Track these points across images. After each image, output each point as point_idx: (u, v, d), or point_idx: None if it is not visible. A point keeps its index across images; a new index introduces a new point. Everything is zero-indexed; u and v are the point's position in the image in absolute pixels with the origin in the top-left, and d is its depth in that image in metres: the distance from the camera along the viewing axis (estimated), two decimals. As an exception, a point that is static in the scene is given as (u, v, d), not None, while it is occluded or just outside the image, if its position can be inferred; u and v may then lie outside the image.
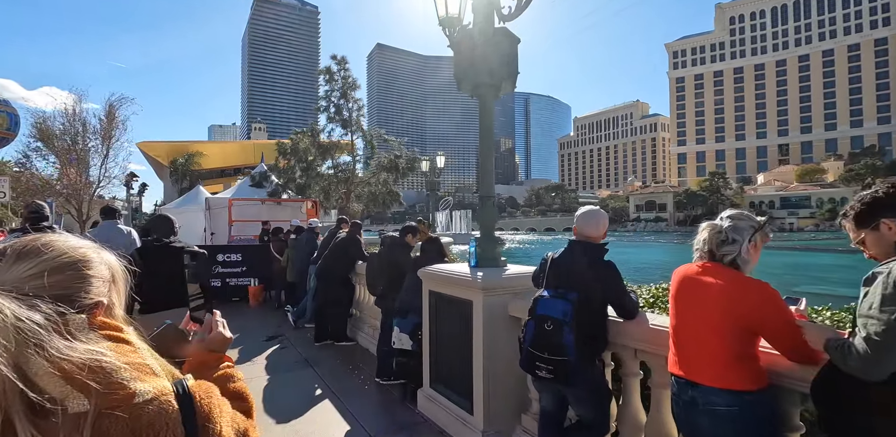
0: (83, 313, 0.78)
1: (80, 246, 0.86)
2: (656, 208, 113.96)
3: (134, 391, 0.70)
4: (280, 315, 7.84)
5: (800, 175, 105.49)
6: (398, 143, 14.28)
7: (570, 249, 2.40)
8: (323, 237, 7.24)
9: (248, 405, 1.02)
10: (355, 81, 13.85)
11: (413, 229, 4.54)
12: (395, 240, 4.47)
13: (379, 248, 4.71)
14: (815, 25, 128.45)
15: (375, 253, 4.69)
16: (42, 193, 19.24)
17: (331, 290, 5.85)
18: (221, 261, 9.26)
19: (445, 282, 3.44)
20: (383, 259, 4.41)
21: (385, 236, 4.66)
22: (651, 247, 56.57)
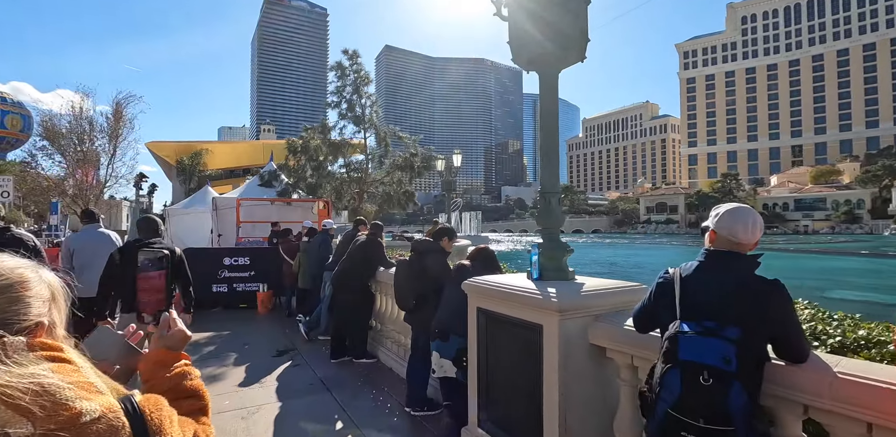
0: (23, 335, 0.77)
1: (18, 267, 0.84)
2: (667, 210, 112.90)
3: (80, 410, 0.69)
4: (291, 325, 7.20)
5: (814, 177, 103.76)
6: (412, 141, 13.61)
7: (712, 261, 1.70)
8: (338, 240, 6.59)
9: (203, 402, 1.03)
10: (368, 75, 13.20)
11: (450, 232, 3.87)
12: (430, 245, 3.81)
13: (409, 254, 4.01)
14: (830, 25, 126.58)
15: (404, 260, 3.99)
16: (48, 193, 18.89)
17: (349, 299, 5.19)
18: (228, 265, 8.64)
19: (502, 299, 2.75)
20: (415, 268, 3.74)
21: (417, 240, 3.95)
22: (665, 248, 55.51)
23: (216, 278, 8.56)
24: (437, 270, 3.62)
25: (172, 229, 18.62)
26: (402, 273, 3.85)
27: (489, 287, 2.84)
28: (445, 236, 3.86)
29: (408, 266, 3.79)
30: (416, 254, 3.83)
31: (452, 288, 3.32)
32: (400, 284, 3.84)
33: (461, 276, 3.27)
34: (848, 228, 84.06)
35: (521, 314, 2.60)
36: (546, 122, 2.99)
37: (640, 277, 24.40)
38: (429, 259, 3.68)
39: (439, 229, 3.92)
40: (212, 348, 5.93)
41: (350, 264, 5.24)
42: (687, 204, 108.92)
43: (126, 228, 27.25)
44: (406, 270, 3.79)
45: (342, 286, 5.19)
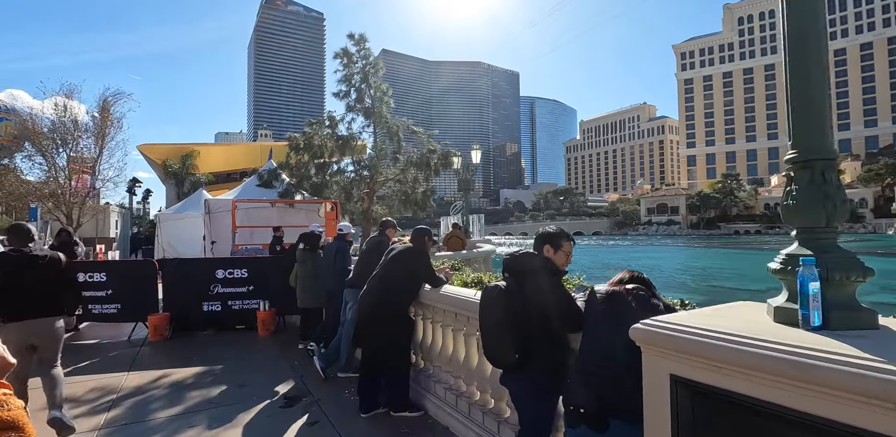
0: None
1: None
2: (668, 211, 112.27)
3: None
4: (301, 355, 5.79)
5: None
6: (427, 136, 12.23)
7: None
8: (362, 247, 5.21)
9: (25, 434, 0.97)
10: (378, 62, 11.83)
11: (562, 238, 2.50)
12: (534, 262, 2.44)
13: (503, 276, 2.52)
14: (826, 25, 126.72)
15: (493, 289, 2.46)
16: (27, 197, 17.40)
17: (385, 330, 3.80)
18: (222, 278, 7.23)
19: (751, 368, 1.38)
20: (515, 300, 2.33)
21: (513, 256, 2.44)
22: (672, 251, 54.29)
23: (208, 295, 7.16)
24: (555, 301, 2.25)
25: (163, 236, 17.18)
26: (492, 309, 2.40)
27: (716, 341, 1.47)
28: (548, 243, 2.49)
29: (501, 298, 2.36)
30: (514, 277, 2.43)
31: (600, 329, 1.97)
32: (490, 327, 2.40)
33: (617, 311, 1.91)
34: (851, 227, 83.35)
35: (830, 411, 1.22)
36: (804, 52, 1.65)
37: (699, 284, 22.63)
38: (537, 285, 2.30)
39: (544, 234, 2.54)
40: (197, 391, 4.52)
41: (385, 282, 3.85)
42: (688, 205, 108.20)
43: (114, 235, 25.73)
44: (499, 303, 2.36)
45: (375, 313, 3.80)
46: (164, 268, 7.34)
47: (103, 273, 7.09)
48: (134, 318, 7.00)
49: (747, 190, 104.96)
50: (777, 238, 75.73)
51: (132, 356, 5.89)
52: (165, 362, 5.57)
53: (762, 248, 55.13)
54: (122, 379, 4.93)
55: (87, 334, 7.27)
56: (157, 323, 6.69)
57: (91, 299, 7.04)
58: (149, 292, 7.02)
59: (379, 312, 3.80)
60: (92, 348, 6.44)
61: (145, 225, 28.04)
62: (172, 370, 5.19)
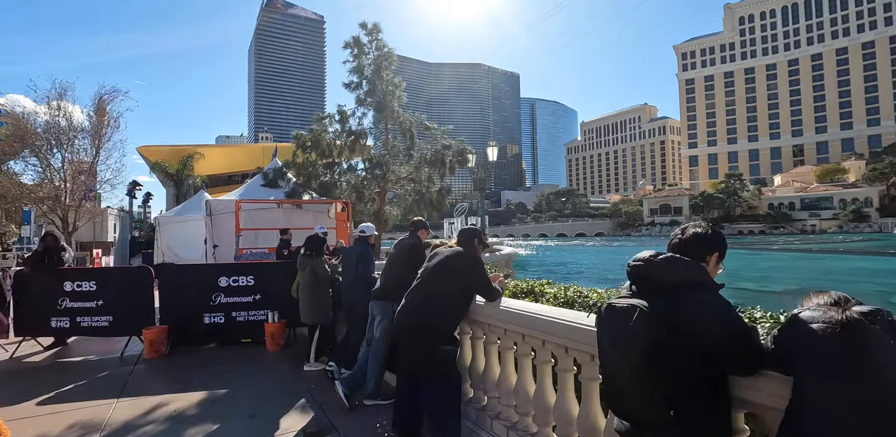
0: None
1: None
2: (671, 212, 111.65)
3: None
4: (318, 377, 5.04)
5: (819, 175, 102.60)
6: (441, 131, 11.48)
7: None
8: (391, 251, 4.46)
9: None
10: (391, 52, 11.07)
11: (724, 241, 1.74)
12: (703, 273, 1.66)
13: (631, 290, 1.65)
14: (828, 24, 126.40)
15: (628, 307, 1.59)
16: (20, 199, 16.67)
17: (430, 355, 3.05)
18: (225, 287, 6.48)
19: None
20: (669, 324, 1.50)
21: (661, 258, 1.56)
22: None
23: (210, 305, 6.40)
24: (728, 331, 1.49)
25: (163, 239, 16.44)
26: (628, 341, 1.55)
27: None
28: (712, 251, 1.72)
29: (646, 324, 1.52)
30: (659, 293, 1.65)
31: (850, 379, 1.23)
32: (623, 366, 1.56)
33: (869, 350, 1.18)
34: (856, 227, 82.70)
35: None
36: None
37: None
38: (700, 306, 1.52)
39: (696, 237, 1.76)
40: (199, 426, 3.77)
41: (430, 297, 3.10)
42: (691, 205, 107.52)
43: (112, 239, 25.00)
44: (642, 333, 1.52)
45: (419, 336, 3.04)
46: (162, 275, 6.61)
47: (93, 282, 6.35)
48: (127, 331, 6.26)
49: (751, 190, 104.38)
50: (783, 238, 74.83)
51: (124, 378, 5.15)
52: (162, 386, 4.83)
53: (770, 248, 54.33)
54: (109, 409, 4.18)
55: (74, 349, 6.52)
56: (153, 338, 5.95)
57: (79, 310, 6.30)
58: (144, 303, 6.27)
59: (424, 336, 3.04)
60: (79, 367, 5.69)
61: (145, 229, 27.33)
62: (169, 397, 4.45)
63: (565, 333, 2.46)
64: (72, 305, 6.31)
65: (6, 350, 6.25)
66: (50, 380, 5.06)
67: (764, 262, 38.30)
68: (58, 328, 6.35)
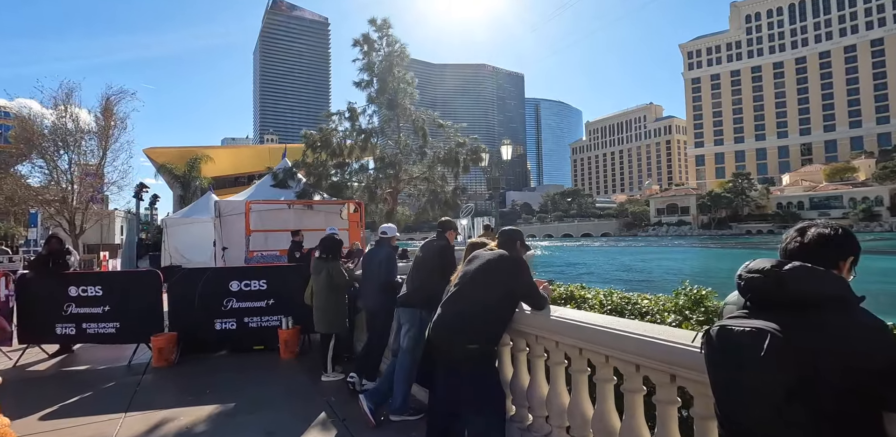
0: None
1: None
2: (678, 212, 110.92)
3: None
4: (337, 388, 4.72)
5: (829, 174, 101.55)
6: (455, 129, 11.15)
7: None
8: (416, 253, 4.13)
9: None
10: (404, 48, 10.77)
11: (857, 244, 1.41)
12: (844, 287, 1.27)
13: (746, 307, 1.28)
14: (836, 21, 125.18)
15: (754, 331, 1.21)
16: (26, 202, 16.50)
17: (472, 371, 2.72)
18: (237, 291, 6.18)
19: None
20: (811, 352, 1.15)
21: (789, 269, 1.25)
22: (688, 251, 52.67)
23: (221, 310, 6.11)
24: (882, 358, 1.17)
25: (170, 241, 16.23)
26: (756, 374, 1.17)
27: None
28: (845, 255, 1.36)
29: (779, 353, 1.16)
30: (788, 312, 1.28)
31: None
32: (743, 410, 1.20)
33: None
34: (867, 226, 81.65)
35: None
36: None
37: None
38: (847, 329, 1.19)
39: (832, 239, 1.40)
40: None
41: (474, 306, 2.77)
42: (699, 205, 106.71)
43: (120, 241, 24.84)
44: (774, 363, 1.16)
45: (460, 351, 2.71)
46: (170, 279, 6.33)
47: (99, 286, 6.07)
48: (135, 339, 5.97)
49: (759, 189, 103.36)
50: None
51: (132, 389, 4.85)
52: (172, 399, 4.53)
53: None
54: (116, 425, 3.89)
55: (80, 357, 6.25)
56: (162, 345, 5.66)
57: (85, 316, 6.03)
58: (152, 309, 5.99)
59: (465, 351, 2.71)
60: (84, 377, 5.41)
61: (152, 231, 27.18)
62: (180, 411, 4.14)
63: (638, 348, 2.13)
64: (77, 310, 6.03)
65: (10, 358, 5.99)
66: (54, 392, 4.78)
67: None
68: (63, 335, 6.07)
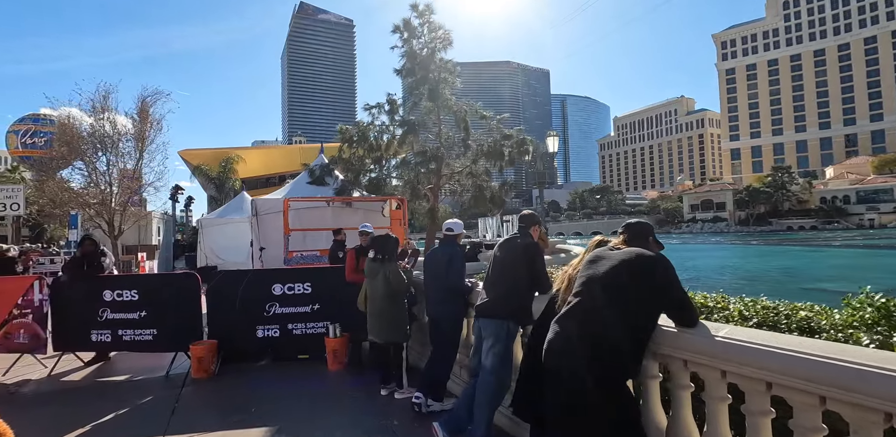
0: None
1: None
2: (714, 208, 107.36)
3: None
4: (401, 407, 4.12)
5: (878, 166, 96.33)
6: (498, 121, 10.45)
7: None
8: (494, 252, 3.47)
9: None
10: (448, 34, 10.09)
11: None
12: None
13: None
14: (882, 4, 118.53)
15: None
16: (68, 204, 16.65)
17: (606, 402, 2.05)
18: (280, 295, 5.67)
19: None
20: None
21: None
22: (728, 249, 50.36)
23: (263, 316, 5.61)
24: None
25: (206, 242, 16.11)
26: None
27: None
28: None
29: None
30: None
31: None
32: None
33: None
34: (916, 223, 76.71)
35: None
36: None
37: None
38: None
39: None
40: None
41: (605, 319, 2.10)
42: (735, 200, 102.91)
43: (157, 242, 25.14)
44: None
45: (585, 370, 2.05)
46: (209, 281, 5.88)
47: (135, 290, 5.65)
48: (173, 347, 5.53)
49: (800, 183, 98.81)
50: (839, 233, 69.94)
51: (170, 405, 4.37)
52: (214, 419, 4.02)
53: (832, 243, 50.63)
54: (155, 452, 3.39)
55: (117, 366, 5.85)
56: (201, 355, 5.19)
57: (120, 322, 5.62)
58: (191, 314, 5.53)
59: (598, 382, 2.04)
60: (121, 390, 4.99)
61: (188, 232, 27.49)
62: (225, 434, 3.62)
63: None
64: (113, 316, 5.64)
65: (45, 366, 5.64)
66: (88, 407, 4.34)
67: (829, 259, 35.42)
68: (98, 342, 5.68)
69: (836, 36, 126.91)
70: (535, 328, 2.75)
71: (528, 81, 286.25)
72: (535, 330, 2.74)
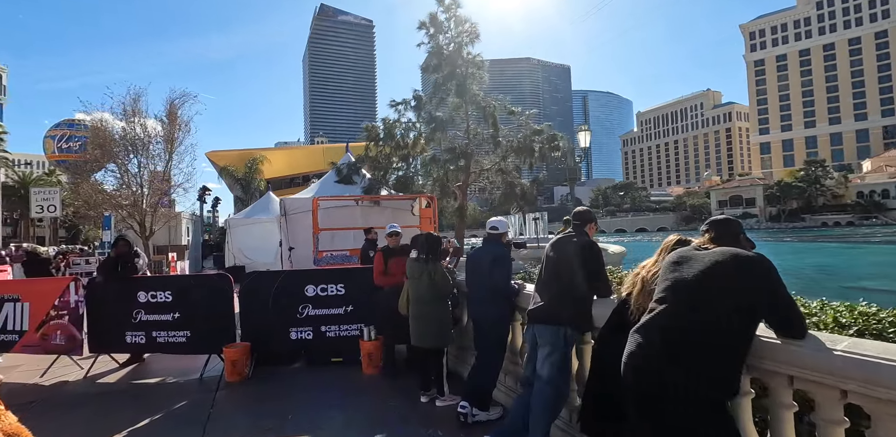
0: None
1: None
2: (743, 204, 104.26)
3: None
4: (445, 417, 3.91)
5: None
6: (526, 116, 10.14)
7: None
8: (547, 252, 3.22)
9: None
10: (475, 26, 9.79)
11: None
12: None
13: None
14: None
15: None
16: (101, 205, 17.02)
17: (690, 425, 1.79)
18: (313, 296, 5.53)
19: None
20: None
21: None
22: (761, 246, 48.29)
23: (296, 318, 5.48)
24: None
25: (234, 242, 16.27)
26: None
27: None
28: None
29: None
30: None
31: None
32: None
33: None
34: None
35: None
36: None
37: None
38: None
39: None
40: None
41: (701, 327, 1.82)
42: (766, 196, 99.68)
43: (186, 242, 25.61)
44: None
45: (675, 385, 1.79)
46: (240, 282, 5.79)
47: (168, 292, 5.59)
48: (206, 349, 5.44)
49: (835, 177, 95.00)
50: (878, 229, 66.89)
51: (205, 411, 4.25)
52: (250, 426, 3.88)
53: (871, 240, 48.42)
54: (192, 463, 3.25)
55: (151, 368, 5.80)
56: (235, 358, 5.08)
57: (154, 324, 5.56)
58: (224, 316, 5.42)
59: (689, 401, 1.77)
60: (155, 394, 4.90)
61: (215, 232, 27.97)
62: (263, 444, 3.47)
63: None
64: (147, 318, 5.58)
65: (81, 368, 5.63)
66: (124, 412, 4.26)
67: (869, 256, 33.83)
68: (133, 344, 5.64)
69: (873, 23, 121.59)
70: (601, 337, 2.49)
71: (548, 78, 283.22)
72: (602, 338, 2.48)
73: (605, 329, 2.53)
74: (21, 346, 5.72)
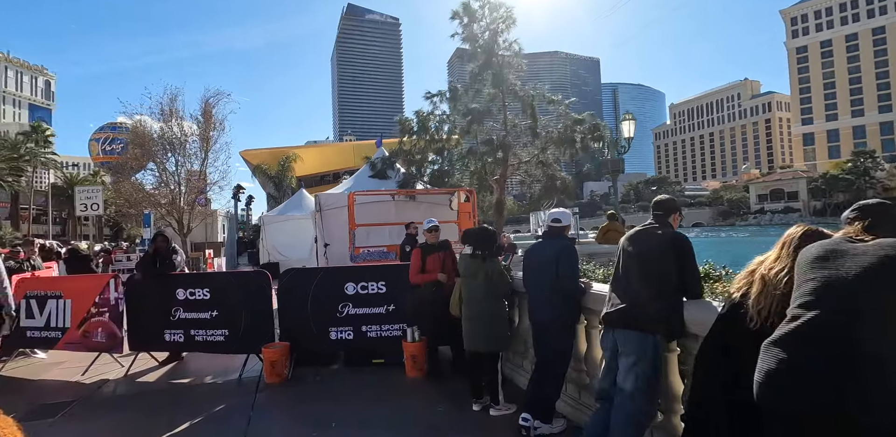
0: None
1: None
2: (784, 197, 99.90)
3: None
4: (497, 425, 3.58)
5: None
6: (566, 105, 9.63)
7: None
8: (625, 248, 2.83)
9: None
10: (510, 12, 9.33)
11: None
12: None
13: None
14: None
15: None
16: (141, 203, 17.43)
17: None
18: (353, 295, 5.27)
19: None
20: None
21: None
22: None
23: (336, 317, 5.23)
24: None
25: (269, 239, 16.36)
26: None
27: None
28: None
29: None
30: None
31: None
32: None
33: None
34: None
35: None
36: None
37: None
38: None
39: None
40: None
41: (862, 332, 1.44)
42: (810, 189, 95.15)
43: (222, 240, 26.12)
44: None
45: (844, 415, 1.40)
46: (279, 280, 5.60)
47: (206, 289, 5.44)
48: (245, 348, 5.26)
49: (886, 169, 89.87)
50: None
51: (245, 415, 4.04)
52: (292, 431, 3.65)
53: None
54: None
55: (189, 367, 5.68)
56: (274, 358, 4.88)
57: (193, 322, 5.42)
58: (263, 314, 5.24)
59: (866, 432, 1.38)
60: (195, 394, 4.74)
61: (249, 230, 28.46)
62: (308, 454, 3.21)
63: None
64: (185, 316, 5.45)
65: (122, 365, 5.56)
66: (164, 415, 4.09)
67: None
68: (172, 342, 5.53)
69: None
70: (707, 347, 2.09)
71: (576, 71, 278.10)
72: (708, 350, 2.09)
73: (709, 339, 2.12)
74: (64, 343, 5.71)
